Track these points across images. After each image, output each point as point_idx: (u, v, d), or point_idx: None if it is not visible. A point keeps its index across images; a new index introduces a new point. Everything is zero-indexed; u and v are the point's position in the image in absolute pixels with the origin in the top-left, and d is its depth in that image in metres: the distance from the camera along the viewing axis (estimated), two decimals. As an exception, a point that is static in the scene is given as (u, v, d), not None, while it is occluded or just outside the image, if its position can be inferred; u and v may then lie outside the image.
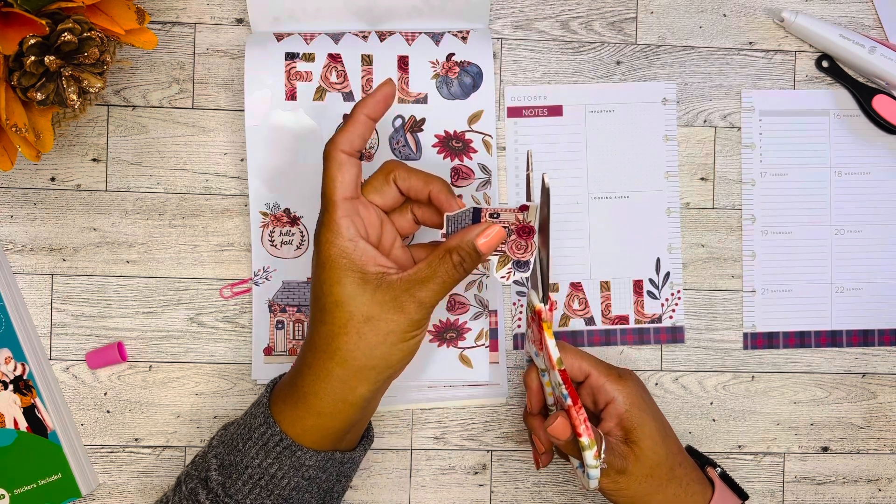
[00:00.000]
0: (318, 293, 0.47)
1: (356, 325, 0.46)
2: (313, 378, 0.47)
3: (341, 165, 0.47)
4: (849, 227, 0.61)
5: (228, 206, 0.59)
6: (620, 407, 0.51)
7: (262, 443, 0.47)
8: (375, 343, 0.46)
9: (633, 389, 0.52)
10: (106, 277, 0.58)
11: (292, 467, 0.47)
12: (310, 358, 0.47)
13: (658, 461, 0.50)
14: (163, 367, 0.58)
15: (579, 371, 0.52)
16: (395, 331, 0.46)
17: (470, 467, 0.60)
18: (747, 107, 0.60)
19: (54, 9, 0.46)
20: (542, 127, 0.59)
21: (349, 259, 0.46)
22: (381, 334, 0.46)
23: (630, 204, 0.60)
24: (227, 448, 0.49)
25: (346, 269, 0.46)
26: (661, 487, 0.50)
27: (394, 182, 0.49)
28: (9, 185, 0.58)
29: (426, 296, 0.46)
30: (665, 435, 0.52)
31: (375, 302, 0.45)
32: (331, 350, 0.46)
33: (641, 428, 0.50)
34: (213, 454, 0.49)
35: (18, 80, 0.46)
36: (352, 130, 0.47)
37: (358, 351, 0.46)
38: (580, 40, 0.60)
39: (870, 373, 0.61)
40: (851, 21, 0.61)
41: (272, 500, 0.47)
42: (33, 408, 0.56)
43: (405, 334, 0.46)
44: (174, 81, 0.58)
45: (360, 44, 0.57)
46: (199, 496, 0.48)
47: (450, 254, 0.47)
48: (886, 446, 0.61)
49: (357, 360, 0.46)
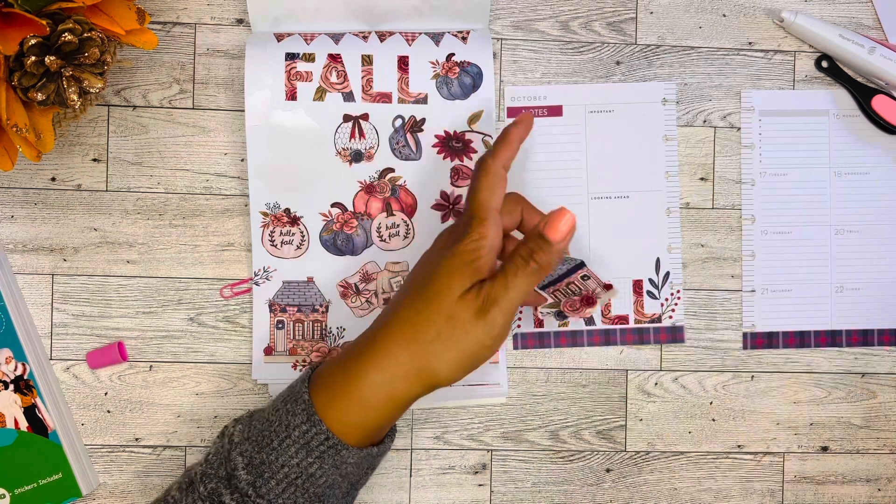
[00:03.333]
0: (426, 280, 0.47)
1: (439, 320, 0.46)
2: (378, 367, 0.46)
3: (500, 179, 0.49)
4: (848, 227, 0.61)
5: (229, 206, 0.59)
6: None
7: (303, 442, 0.46)
8: (451, 344, 0.46)
9: None
10: (106, 277, 0.58)
11: (333, 465, 0.46)
12: (381, 343, 0.47)
13: None
14: (163, 367, 0.58)
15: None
16: (470, 335, 0.46)
17: (470, 467, 0.60)
18: (747, 107, 0.60)
19: (55, 9, 0.46)
20: (542, 127, 0.59)
21: (479, 263, 0.46)
22: (458, 336, 0.46)
23: (630, 204, 0.60)
24: (257, 445, 0.47)
25: (471, 269, 0.46)
26: None
27: (521, 211, 0.51)
28: (9, 185, 0.58)
29: (501, 294, 0.46)
30: None
31: (462, 303, 0.46)
32: (410, 340, 0.46)
33: None
34: (237, 451, 0.47)
35: (19, 80, 0.46)
36: (509, 150, 0.50)
37: (433, 347, 0.46)
38: (580, 40, 0.60)
39: (869, 373, 0.61)
40: (851, 21, 0.61)
41: (306, 497, 0.46)
42: (34, 407, 0.56)
43: (480, 341, 0.46)
44: (174, 81, 0.58)
45: (361, 44, 0.57)
46: (223, 497, 0.46)
47: (518, 247, 0.47)
48: (886, 446, 0.61)
49: (431, 360, 0.46)
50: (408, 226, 0.58)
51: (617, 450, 0.60)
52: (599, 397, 0.60)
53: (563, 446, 0.60)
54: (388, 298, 0.58)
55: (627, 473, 0.60)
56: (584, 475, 0.60)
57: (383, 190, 0.58)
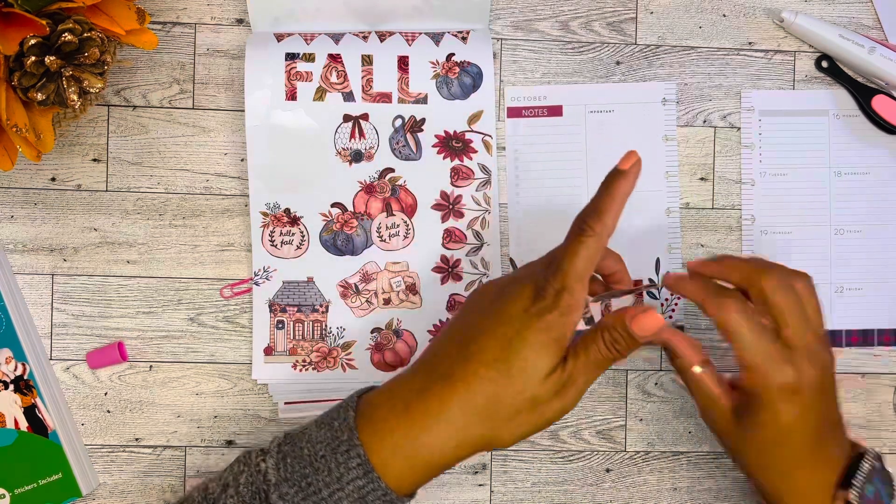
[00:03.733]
0: (506, 348, 0.43)
1: (522, 399, 0.43)
2: (449, 436, 0.43)
3: (601, 248, 0.45)
4: (849, 227, 0.61)
5: (229, 206, 0.59)
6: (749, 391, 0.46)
7: (358, 496, 0.43)
8: (527, 422, 0.44)
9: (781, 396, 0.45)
10: (106, 277, 0.58)
11: None
12: (456, 413, 0.43)
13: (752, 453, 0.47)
14: (163, 367, 0.58)
15: None
16: (545, 414, 0.44)
17: (470, 467, 0.60)
18: (747, 107, 0.60)
19: (55, 9, 0.46)
20: (542, 127, 0.59)
21: (565, 341, 0.44)
22: (535, 415, 0.44)
23: (630, 204, 0.59)
24: (301, 491, 0.43)
25: (558, 347, 0.43)
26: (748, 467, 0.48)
27: (613, 270, 0.50)
28: (9, 185, 0.58)
29: (580, 377, 0.44)
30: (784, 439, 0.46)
31: (547, 384, 0.43)
32: (489, 415, 0.43)
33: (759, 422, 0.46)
34: (277, 494, 0.43)
35: (19, 80, 0.46)
36: (616, 212, 0.45)
37: (510, 425, 0.43)
38: (580, 40, 0.60)
39: (869, 373, 0.61)
40: (851, 21, 0.61)
41: None
42: (34, 407, 0.56)
43: (551, 419, 0.44)
44: (174, 82, 0.58)
45: (361, 44, 0.57)
46: None
47: (602, 332, 0.44)
48: (885, 446, 0.61)
49: (503, 434, 0.44)
50: (408, 226, 0.58)
51: (617, 450, 0.60)
52: (599, 397, 0.60)
53: (563, 446, 0.60)
54: (388, 299, 0.58)
55: (627, 473, 0.60)
56: (583, 475, 0.60)
57: (383, 190, 0.58)
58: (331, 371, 0.58)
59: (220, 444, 0.59)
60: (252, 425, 0.59)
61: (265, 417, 0.59)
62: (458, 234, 0.59)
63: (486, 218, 0.58)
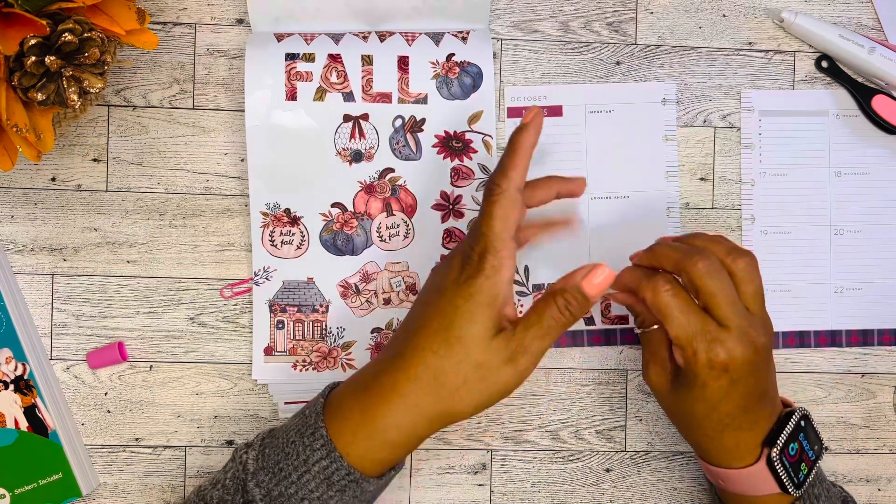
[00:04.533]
0: (444, 321, 0.44)
1: (467, 367, 0.44)
2: (403, 411, 0.45)
3: (515, 203, 0.45)
4: (848, 227, 0.61)
5: (229, 206, 0.59)
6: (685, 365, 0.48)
7: (324, 476, 0.45)
8: (477, 390, 0.44)
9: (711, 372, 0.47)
10: (106, 277, 0.58)
11: (353, 496, 0.46)
12: (404, 387, 0.45)
13: (688, 412, 0.49)
14: (163, 367, 0.58)
15: None
16: (498, 382, 0.44)
17: (470, 467, 0.60)
18: (747, 107, 0.60)
19: (55, 9, 0.46)
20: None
21: (498, 302, 0.44)
22: (486, 383, 0.44)
23: (630, 204, 0.60)
24: (274, 477, 0.46)
25: (493, 310, 0.44)
26: (683, 424, 0.51)
27: (556, 193, 0.51)
28: (9, 185, 0.58)
29: (533, 344, 0.44)
30: (719, 400, 0.48)
31: (491, 350, 0.44)
32: (436, 386, 0.44)
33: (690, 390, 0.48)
34: (254, 482, 0.46)
35: (19, 80, 0.46)
36: (521, 164, 0.46)
37: (459, 394, 0.44)
38: (580, 40, 0.60)
39: (869, 372, 0.61)
40: (851, 21, 0.61)
41: None
42: (34, 407, 0.56)
43: (507, 385, 0.45)
44: (175, 82, 0.58)
45: (361, 44, 0.57)
46: None
47: (555, 297, 0.45)
48: (886, 446, 0.61)
49: (456, 404, 0.45)
50: (408, 226, 0.58)
51: (617, 450, 0.60)
52: (599, 397, 0.60)
53: (563, 446, 0.60)
54: (388, 299, 0.58)
55: (627, 473, 0.60)
56: (583, 475, 0.60)
57: (383, 190, 0.58)
58: (331, 371, 0.58)
59: (220, 444, 0.59)
60: (252, 425, 0.59)
61: (265, 417, 0.59)
62: (458, 234, 0.59)
63: (486, 218, 0.58)
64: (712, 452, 0.51)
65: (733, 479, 0.50)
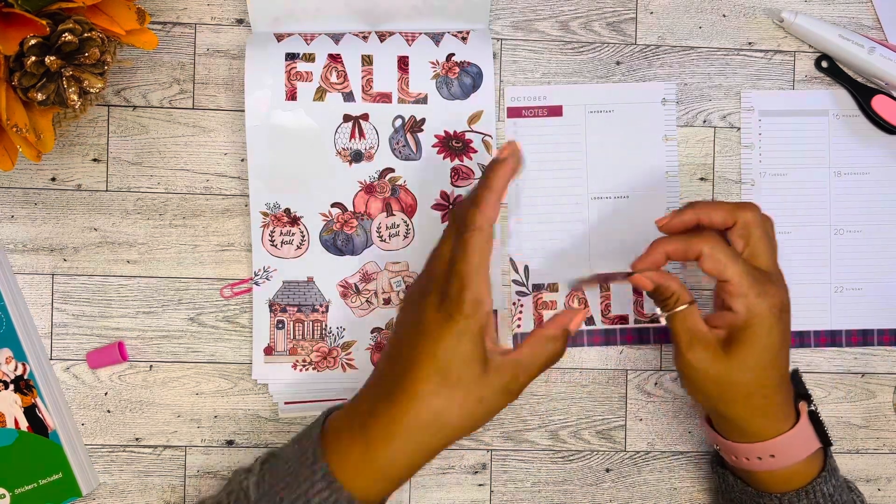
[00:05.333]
0: (438, 366, 0.45)
1: (470, 404, 0.45)
2: (407, 451, 0.45)
3: (489, 239, 0.46)
4: (848, 227, 0.61)
5: (229, 206, 0.59)
6: (742, 320, 0.49)
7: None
8: (477, 420, 0.46)
9: (772, 315, 0.48)
10: (106, 277, 0.58)
11: None
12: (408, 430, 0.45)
13: (742, 383, 0.49)
14: (163, 367, 0.58)
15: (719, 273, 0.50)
16: (496, 408, 0.46)
17: (470, 467, 0.60)
18: (747, 107, 0.60)
19: (55, 9, 0.46)
20: (542, 127, 0.60)
21: (482, 333, 0.45)
22: (484, 412, 0.45)
23: (630, 204, 0.60)
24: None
25: (478, 345, 0.45)
26: (731, 400, 0.50)
27: None
28: (9, 185, 0.58)
29: (528, 380, 0.46)
30: (770, 361, 0.49)
31: (489, 384, 0.45)
32: (440, 426, 0.45)
33: (746, 348, 0.48)
34: None
35: (19, 80, 0.46)
36: (495, 199, 0.46)
37: (462, 429, 0.45)
38: (580, 40, 0.60)
39: (869, 372, 0.61)
40: (851, 21, 0.61)
41: None
42: (34, 407, 0.56)
43: (501, 408, 0.46)
44: (175, 82, 0.58)
45: (361, 44, 0.57)
46: None
47: (553, 342, 0.47)
48: (885, 446, 0.61)
49: (455, 436, 0.46)
50: (408, 226, 0.58)
51: (617, 450, 0.60)
52: (599, 397, 0.60)
53: (563, 446, 0.60)
54: (388, 299, 0.58)
55: (627, 473, 0.60)
56: (583, 475, 0.60)
57: (383, 190, 0.58)
58: (331, 371, 0.58)
59: (220, 444, 0.59)
60: (252, 425, 0.59)
61: (265, 417, 0.59)
62: (458, 234, 0.58)
63: (486, 218, 0.58)
64: (758, 422, 0.50)
65: (780, 447, 0.50)
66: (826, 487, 0.51)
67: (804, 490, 0.51)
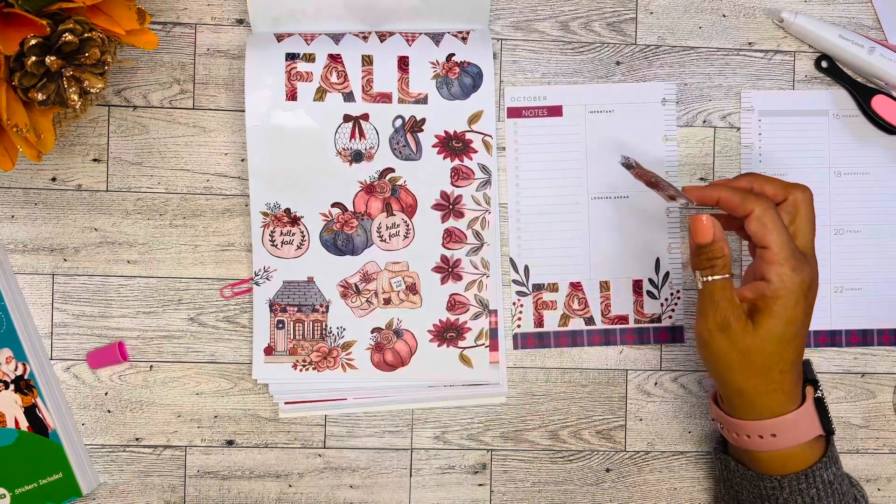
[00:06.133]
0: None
1: None
2: None
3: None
4: (849, 227, 0.61)
5: (229, 206, 0.59)
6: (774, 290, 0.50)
7: None
8: None
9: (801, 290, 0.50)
10: (107, 277, 0.58)
11: None
12: None
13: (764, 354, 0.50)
14: (163, 367, 0.58)
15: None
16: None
17: (470, 467, 0.60)
18: (746, 107, 0.60)
19: (55, 9, 0.46)
20: (541, 127, 0.60)
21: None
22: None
23: (630, 204, 0.60)
24: None
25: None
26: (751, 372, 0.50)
27: None
28: (10, 185, 0.58)
29: None
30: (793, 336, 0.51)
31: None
32: None
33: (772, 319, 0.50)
34: None
35: (19, 80, 0.46)
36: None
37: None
38: (580, 41, 0.60)
39: (869, 372, 0.61)
40: (851, 21, 0.61)
41: None
42: (34, 407, 0.56)
43: None
44: (175, 82, 0.58)
45: (361, 44, 0.57)
46: None
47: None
48: (885, 446, 0.61)
49: None
50: (408, 226, 0.58)
51: (617, 450, 0.60)
52: (599, 397, 0.60)
53: (563, 446, 0.60)
54: (388, 299, 0.58)
55: (627, 473, 0.60)
56: (583, 475, 0.60)
57: (383, 190, 0.58)
58: (331, 371, 0.58)
59: (221, 444, 0.59)
60: (252, 425, 0.59)
61: (265, 417, 0.59)
62: (458, 234, 0.59)
63: (486, 218, 0.59)
64: (770, 396, 0.51)
65: (783, 426, 0.51)
66: (826, 474, 0.51)
67: (804, 473, 0.51)
